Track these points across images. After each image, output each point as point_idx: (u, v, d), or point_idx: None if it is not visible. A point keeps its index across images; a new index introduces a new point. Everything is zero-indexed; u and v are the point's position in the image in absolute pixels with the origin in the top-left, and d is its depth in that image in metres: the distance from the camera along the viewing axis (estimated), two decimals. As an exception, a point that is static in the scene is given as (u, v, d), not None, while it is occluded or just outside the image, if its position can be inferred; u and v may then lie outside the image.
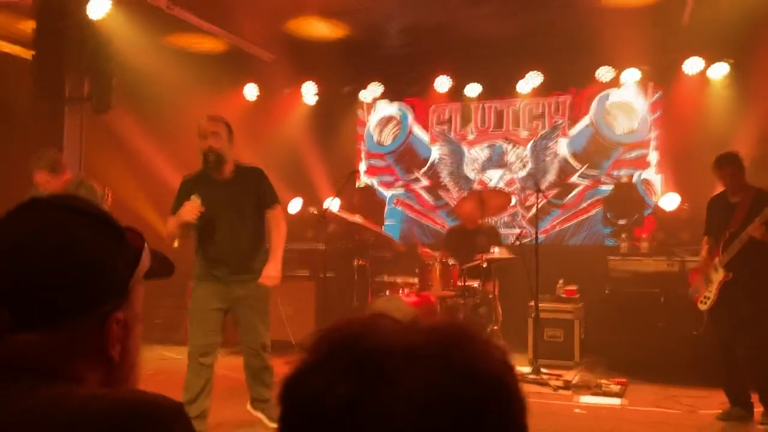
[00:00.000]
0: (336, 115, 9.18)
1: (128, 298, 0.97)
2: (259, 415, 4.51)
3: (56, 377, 0.89)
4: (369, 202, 8.92)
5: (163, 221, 4.84)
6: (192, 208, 4.09)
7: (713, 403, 5.12)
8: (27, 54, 6.40)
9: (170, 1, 6.77)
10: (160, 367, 6.44)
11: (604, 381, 5.66)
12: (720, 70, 7.47)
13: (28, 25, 6.39)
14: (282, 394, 0.69)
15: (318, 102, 9.08)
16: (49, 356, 0.89)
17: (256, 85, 8.94)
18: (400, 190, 9.19)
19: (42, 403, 0.84)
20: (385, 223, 9.06)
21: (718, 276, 4.88)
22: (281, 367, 6.54)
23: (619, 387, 5.51)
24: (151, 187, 7.65)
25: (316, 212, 8.53)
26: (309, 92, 8.93)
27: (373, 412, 0.62)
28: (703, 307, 5.02)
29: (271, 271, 4.27)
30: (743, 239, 4.71)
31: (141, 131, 7.75)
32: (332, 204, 7.92)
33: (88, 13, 6.04)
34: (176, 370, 4.92)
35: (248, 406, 4.53)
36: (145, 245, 1.02)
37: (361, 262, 7.18)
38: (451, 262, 6.43)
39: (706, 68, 7.49)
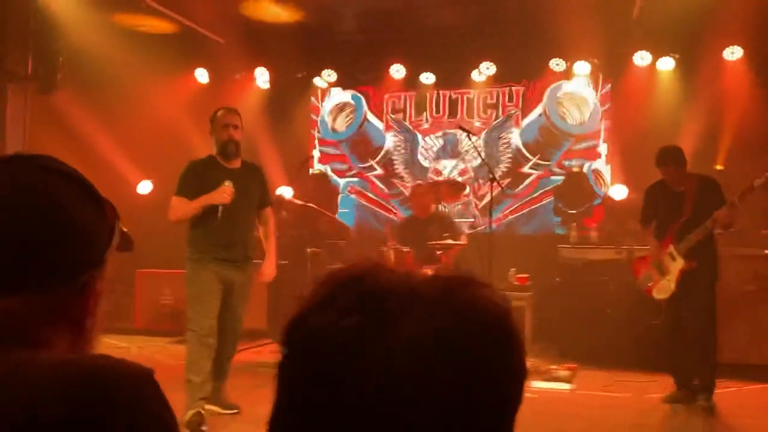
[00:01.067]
0: (289, 101, 9.07)
1: (103, 268, 0.95)
2: (215, 408, 4.50)
3: (26, 343, 0.85)
4: (322, 190, 8.86)
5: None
6: (229, 193, 4.29)
7: (659, 387, 5.29)
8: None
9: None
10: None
11: (554, 366, 5.78)
12: (667, 64, 7.67)
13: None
14: (286, 333, 0.69)
15: (271, 87, 8.95)
16: (23, 322, 0.86)
17: (206, 70, 8.75)
18: (354, 179, 9.15)
19: (9, 367, 0.81)
20: (339, 211, 9.02)
21: (677, 264, 4.91)
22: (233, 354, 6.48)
23: (568, 372, 5.63)
24: (95, 169, 7.41)
25: (268, 199, 8.44)
26: (262, 77, 8.80)
27: (379, 344, 0.62)
28: (662, 296, 5.05)
29: (270, 269, 4.72)
30: (707, 227, 4.78)
31: (86, 112, 7.51)
32: (285, 191, 7.86)
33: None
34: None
35: (205, 405, 4.36)
36: (118, 218, 0.99)
37: (314, 249, 7.12)
38: (405, 249, 6.44)
39: (654, 62, 7.67)
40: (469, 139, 6.72)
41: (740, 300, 5.90)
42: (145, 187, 8.77)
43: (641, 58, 7.65)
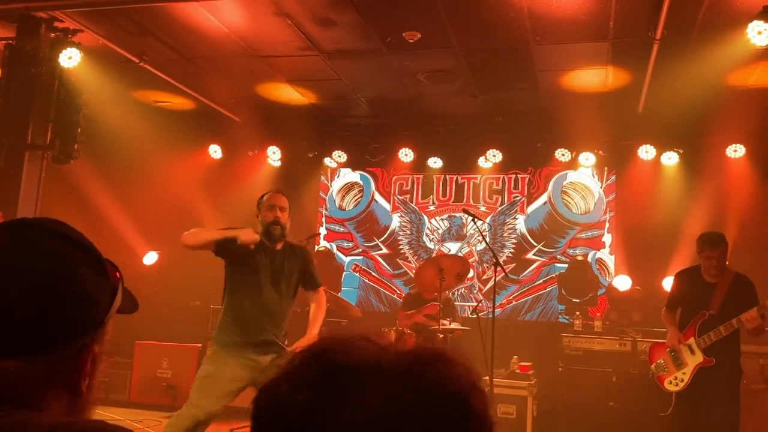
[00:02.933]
0: (299, 179, 9.23)
1: (103, 331, 0.97)
2: None
3: (23, 405, 0.86)
4: (327, 267, 8.88)
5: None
6: (253, 236, 4.15)
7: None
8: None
9: (141, 57, 6.82)
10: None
11: (555, 459, 5.61)
12: (671, 159, 7.81)
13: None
14: (254, 398, 0.72)
15: (282, 165, 9.14)
16: (21, 384, 0.87)
17: (219, 147, 8.96)
18: (359, 257, 9.20)
19: (9, 429, 0.82)
20: (342, 289, 9.01)
21: (695, 359, 4.77)
22: (227, 433, 6.35)
23: (570, 466, 5.46)
24: (103, 237, 7.48)
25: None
26: (274, 155, 8.99)
27: (333, 420, 0.64)
28: (673, 388, 4.87)
29: (305, 343, 4.18)
30: (732, 325, 4.62)
31: (99, 182, 7.67)
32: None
33: (60, 61, 6.05)
34: None
35: None
36: (121, 280, 1.01)
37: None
38: (407, 330, 6.40)
39: (658, 155, 7.81)
40: (474, 224, 6.78)
41: (748, 398, 5.78)
42: (150, 258, 8.82)
43: (646, 152, 7.80)
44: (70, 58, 6.06)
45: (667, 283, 7.28)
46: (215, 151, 8.99)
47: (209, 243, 4.13)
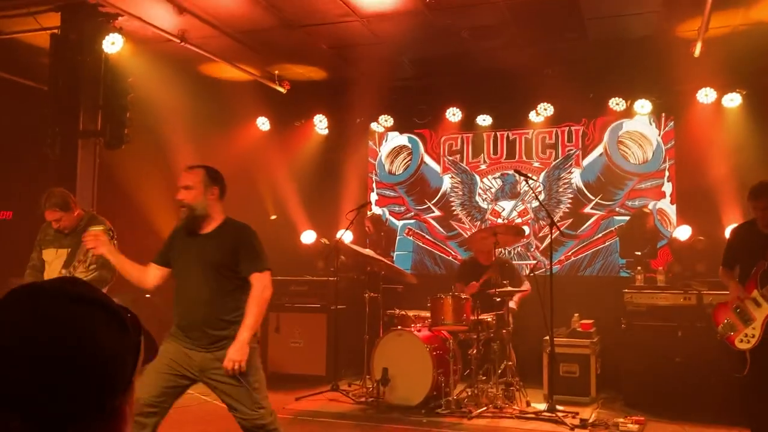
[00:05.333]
0: (347, 146, 9.19)
1: (131, 390, 0.94)
2: None
3: None
4: (380, 233, 8.88)
5: None
6: (91, 236, 3.75)
7: (734, 443, 4.99)
8: (44, 86, 6.46)
9: (182, 36, 6.83)
10: None
11: (621, 420, 5.54)
12: (733, 100, 7.42)
13: (45, 59, 6.46)
14: None
15: (329, 133, 9.11)
16: None
17: (267, 119, 8.97)
18: (411, 221, 9.15)
19: None
20: (396, 253, 9.01)
21: (762, 311, 4.58)
22: (291, 403, 6.49)
23: (637, 426, 5.38)
24: (158, 223, 7.65)
25: (328, 243, 8.51)
26: (320, 124, 8.96)
27: None
28: (745, 346, 4.64)
29: (234, 354, 3.49)
30: None
31: (150, 165, 7.78)
32: (344, 236, 7.91)
33: (104, 47, 6.10)
34: None
35: None
36: (142, 329, 0.98)
37: (372, 294, 7.12)
38: (463, 296, 6.37)
39: (719, 98, 7.44)
40: (527, 184, 6.63)
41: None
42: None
43: (705, 95, 7.43)
44: (113, 44, 6.11)
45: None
46: (263, 123, 9.01)
47: (124, 269, 3.81)
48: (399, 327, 6.51)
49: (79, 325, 0.88)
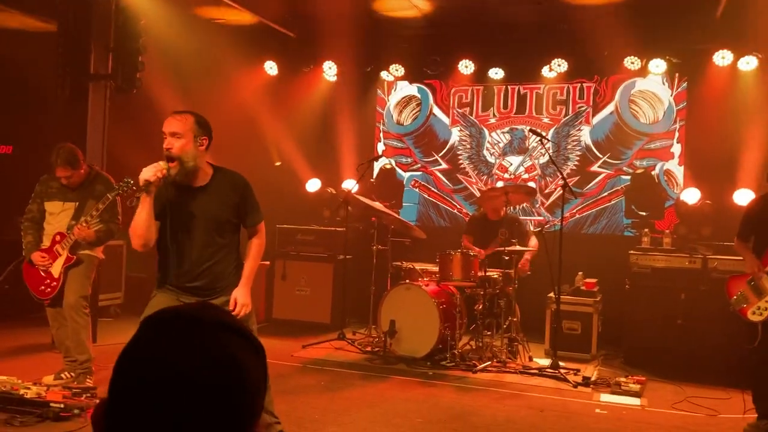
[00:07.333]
0: (356, 94, 9.08)
1: (261, 414, 0.96)
2: None
3: None
4: (389, 183, 8.87)
5: None
6: (154, 170, 3.35)
7: (733, 406, 5.14)
8: (53, 27, 6.31)
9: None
10: None
11: (622, 379, 5.68)
12: (749, 63, 7.35)
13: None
14: None
15: (338, 80, 8.99)
16: None
17: (275, 63, 8.83)
18: (418, 173, 9.13)
19: None
20: (403, 206, 9.03)
21: None
22: (298, 350, 6.62)
23: (638, 386, 5.53)
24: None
25: (334, 192, 8.51)
26: (330, 71, 8.83)
27: None
28: (758, 318, 4.69)
29: (243, 298, 3.56)
30: None
31: (159, 106, 7.68)
32: (351, 185, 7.91)
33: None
34: None
35: None
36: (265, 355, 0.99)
37: (380, 246, 7.17)
38: (471, 252, 6.43)
39: (735, 61, 7.36)
40: (542, 145, 6.61)
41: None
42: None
43: (722, 58, 7.34)
44: (125, -16, 5.95)
45: (739, 197, 7.05)
46: (271, 68, 8.87)
47: (149, 225, 3.43)
48: (407, 281, 6.59)
49: (234, 357, 0.89)
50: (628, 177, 8.11)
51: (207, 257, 3.57)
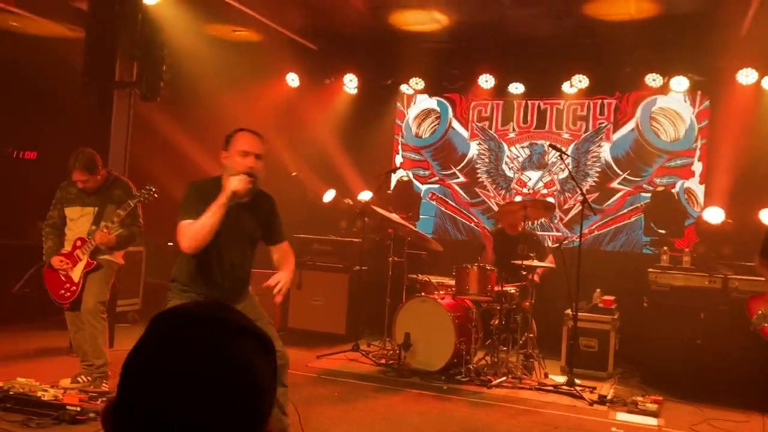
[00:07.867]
0: (375, 107, 9.13)
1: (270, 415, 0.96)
2: None
3: None
4: (406, 196, 8.88)
5: None
6: (244, 182, 3.43)
7: (753, 429, 5.06)
8: (79, 34, 6.41)
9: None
10: None
11: (639, 398, 5.61)
12: (773, 83, 7.29)
13: (83, 4, 6.39)
14: None
15: (358, 93, 9.04)
16: None
17: (297, 75, 8.90)
18: (435, 185, 9.14)
19: None
20: (420, 218, 9.02)
21: None
22: (313, 360, 6.61)
23: (655, 406, 5.46)
24: (185, 170, 7.67)
25: (351, 203, 8.53)
26: (350, 83, 8.88)
27: None
28: None
29: (287, 279, 3.64)
30: None
31: (182, 118, 7.77)
32: (367, 196, 7.92)
33: (141, -2, 6.05)
34: None
35: None
36: (274, 352, 0.99)
37: (396, 259, 7.16)
38: (488, 267, 6.41)
39: (759, 80, 7.31)
40: (562, 160, 6.58)
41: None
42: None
43: (746, 76, 7.30)
44: (151, -5, 6.05)
45: (765, 216, 6.97)
46: (293, 80, 8.95)
47: (214, 232, 3.46)
48: (422, 293, 6.57)
49: (244, 358, 0.89)
50: (648, 194, 8.06)
51: (238, 270, 3.72)
